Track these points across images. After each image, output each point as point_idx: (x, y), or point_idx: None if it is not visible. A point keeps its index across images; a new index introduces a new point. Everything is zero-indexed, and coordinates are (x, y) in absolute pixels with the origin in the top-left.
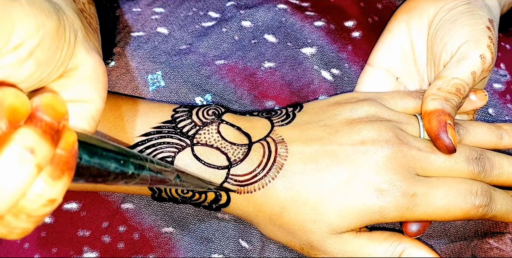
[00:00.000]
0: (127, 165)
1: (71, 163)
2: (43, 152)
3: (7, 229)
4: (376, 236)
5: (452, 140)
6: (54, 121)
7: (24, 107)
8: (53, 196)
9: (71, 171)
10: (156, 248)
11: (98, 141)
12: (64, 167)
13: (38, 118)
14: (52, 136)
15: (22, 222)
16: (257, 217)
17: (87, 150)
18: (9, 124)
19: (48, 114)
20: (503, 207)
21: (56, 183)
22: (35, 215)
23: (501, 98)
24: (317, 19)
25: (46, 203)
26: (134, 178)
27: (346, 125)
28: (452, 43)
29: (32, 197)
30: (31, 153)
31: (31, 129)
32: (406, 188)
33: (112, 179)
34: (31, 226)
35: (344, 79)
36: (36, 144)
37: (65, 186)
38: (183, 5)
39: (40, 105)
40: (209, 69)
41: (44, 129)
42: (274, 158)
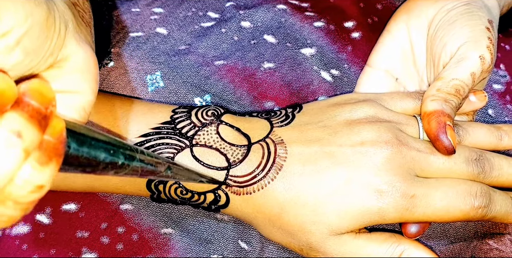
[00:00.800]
0: (117, 155)
1: (59, 150)
2: (30, 136)
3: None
4: (376, 237)
5: (452, 141)
6: (41, 107)
7: (10, 91)
8: (41, 182)
9: (59, 157)
10: (155, 249)
11: (87, 130)
12: (51, 153)
13: (25, 103)
14: (39, 121)
15: (9, 209)
16: (256, 218)
17: (76, 139)
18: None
19: (36, 99)
20: (502, 208)
21: (44, 169)
22: (22, 201)
23: (501, 99)
24: (316, 19)
25: (34, 189)
26: (124, 168)
27: (346, 126)
28: (452, 44)
29: (20, 183)
30: (18, 137)
31: (18, 113)
32: (405, 189)
33: (101, 169)
34: (18, 214)
35: (343, 80)
36: (23, 128)
37: (53, 172)
38: (182, 6)
39: (27, 91)
40: (208, 69)
41: (31, 114)
42: (274, 159)
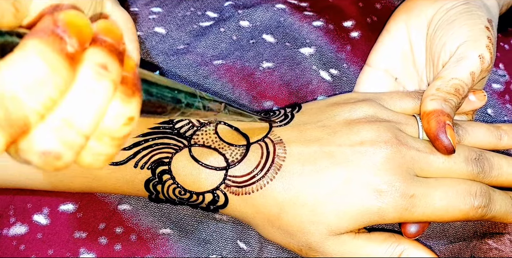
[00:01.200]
0: (181, 95)
1: (137, 84)
2: (115, 69)
3: (92, 157)
4: (375, 237)
5: (451, 140)
6: (115, 43)
7: (88, 28)
8: (131, 113)
9: (139, 91)
10: (153, 249)
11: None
12: (133, 87)
13: (101, 40)
14: (117, 55)
15: (106, 146)
16: (255, 219)
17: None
18: (79, 43)
19: (109, 36)
20: (502, 208)
21: (131, 100)
22: (117, 136)
23: (500, 99)
24: (315, 19)
25: (126, 121)
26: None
27: (345, 126)
28: (451, 43)
29: (113, 116)
30: (105, 69)
31: (99, 48)
32: (405, 189)
33: (170, 110)
34: (114, 151)
35: (342, 79)
36: (107, 61)
37: (138, 105)
38: (181, 5)
39: (99, 29)
40: (207, 69)
41: (110, 48)
42: (272, 159)
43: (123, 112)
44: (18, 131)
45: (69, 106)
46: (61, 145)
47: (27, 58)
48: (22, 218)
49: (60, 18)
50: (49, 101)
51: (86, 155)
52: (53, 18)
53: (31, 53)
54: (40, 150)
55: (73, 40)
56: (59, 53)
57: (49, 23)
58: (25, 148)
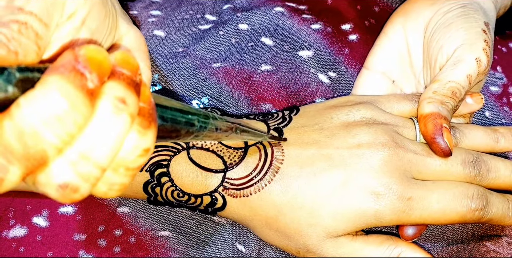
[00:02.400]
0: (194, 119)
1: (153, 115)
2: (133, 102)
3: (107, 186)
4: (373, 240)
5: (448, 143)
6: (132, 75)
7: (107, 62)
8: (147, 145)
9: (156, 122)
10: (152, 251)
11: (163, 98)
12: (150, 118)
13: (119, 73)
14: (135, 88)
15: (121, 176)
16: (253, 221)
17: (159, 106)
18: (99, 78)
19: (127, 68)
20: (499, 210)
21: (147, 132)
22: (132, 167)
23: (498, 101)
24: (314, 22)
25: (142, 153)
26: (202, 131)
27: (343, 128)
28: (448, 46)
29: (129, 148)
30: (123, 103)
31: (117, 81)
32: (402, 192)
33: (184, 134)
34: (128, 181)
35: (341, 82)
36: (126, 94)
37: (154, 136)
38: (180, 8)
39: (117, 61)
40: (206, 72)
41: (127, 81)
42: (270, 161)
43: (139, 144)
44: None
45: (87, 140)
46: (78, 178)
47: (48, 94)
48: (21, 220)
49: (81, 54)
50: (67, 137)
51: (102, 185)
52: (74, 53)
53: (52, 89)
54: (57, 183)
55: (93, 75)
56: (80, 90)
57: (70, 59)
58: (42, 181)
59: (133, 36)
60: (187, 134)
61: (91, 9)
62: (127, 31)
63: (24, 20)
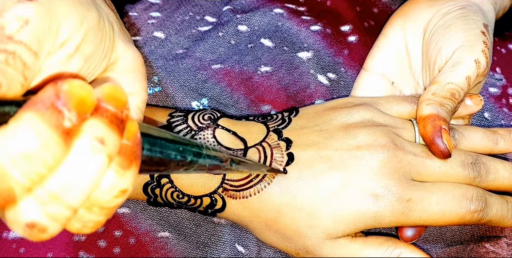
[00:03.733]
0: (186, 152)
1: (137, 152)
2: (112, 142)
3: (81, 224)
4: (372, 241)
5: (447, 144)
6: (118, 111)
7: (91, 99)
8: (125, 186)
9: (138, 160)
10: (152, 252)
11: (155, 130)
12: (131, 157)
13: (104, 109)
14: (118, 126)
15: (95, 215)
16: (252, 222)
17: (147, 140)
18: (78, 116)
19: (112, 104)
20: (498, 212)
21: (126, 173)
22: (107, 207)
23: (497, 102)
24: (313, 23)
25: (118, 194)
26: (193, 164)
27: (342, 130)
28: (447, 48)
29: (105, 188)
30: (101, 143)
31: (99, 120)
32: (401, 193)
33: (173, 167)
34: (103, 219)
35: (340, 83)
36: (105, 134)
37: (134, 175)
38: (180, 10)
39: (103, 96)
40: (206, 73)
41: (111, 119)
42: (270, 163)
43: (116, 185)
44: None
45: (59, 181)
46: (47, 218)
47: (20, 131)
48: None
49: (63, 89)
50: (36, 177)
51: (75, 223)
52: (56, 88)
53: (24, 126)
54: (25, 222)
55: (72, 113)
56: (54, 129)
57: (50, 94)
58: (10, 217)
59: (131, 57)
60: (176, 167)
61: (86, 35)
62: (124, 52)
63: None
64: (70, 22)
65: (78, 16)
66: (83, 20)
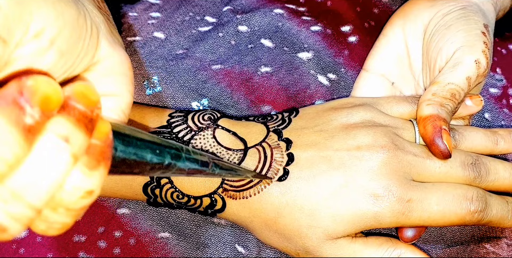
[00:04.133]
0: (163, 155)
1: (106, 153)
2: (78, 141)
3: (46, 224)
4: (372, 242)
5: (447, 145)
6: (87, 110)
7: (56, 96)
8: (91, 187)
9: (108, 160)
10: (152, 253)
11: (132, 130)
12: (100, 157)
13: (71, 107)
14: (86, 125)
15: (61, 216)
16: (252, 223)
17: (122, 140)
18: (42, 113)
19: (81, 102)
20: (498, 213)
21: (93, 173)
22: (73, 208)
23: (497, 103)
24: (313, 24)
25: (84, 195)
26: (171, 168)
27: (342, 130)
28: (447, 48)
29: (70, 189)
30: (66, 142)
31: (65, 118)
32: (401, 194)
33: (149, 170)
34: (70, 220)
35: (340, 84)
36: (71, 132)
37: (102, 176)
38: (180, 10)
39: (73, 94)
40: (206, 74)
41: (78, 118)
42: (270, 163)
43: (81, 186)
44: None
45: (20, 179)
46: (7, 218)
47: None
48: None
49: (27, 85)
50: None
51: (40, 223)
52: (20, 84)
53: None
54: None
55: (35, 110)
56: (14, 125)
57: (13, 90)
58: None
59: (117, 60)
60: (152, 170)
61: (61, 29)
62: (110, 54)
63: None
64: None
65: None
66: (59, 15)
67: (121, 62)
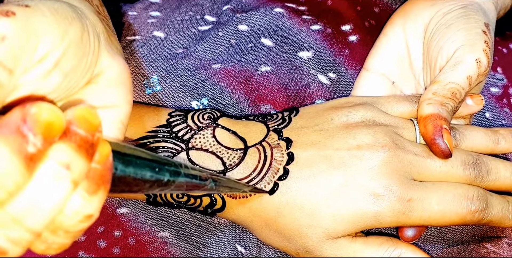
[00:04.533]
0: (162, 173)
1: (106, 176)
2: (79, 167)
3: (45, 245)
4: (372, 241)
5: (448, 144)
6: (88, 135)
7: (59, 123)
8: (90, 211)
9: (107, 184)
10: (151, 252)
11: (131, 149)
12: (100, 181)
13: (73, 133)
14: (87, 150)
15: (60, 237)
16: (252, 222)
17: (122, 160)
18: (44, 140)
19: (83, 127)
20: (499, 212)
21: (93, 198)
22: (72, 231)
23: (498, 102)
24: (314, 23)
25: (83, 219)
26: (170, 185)
27: (342, 130)
28: (448, 47)
29: (69, 214)
30: (66, 169)
31: (66, 144)
32: (402, 193)
33: (147, 188)
34: (69, 241)
35: (340, 83)
36: (72, 159)
37: (102, 200)
38: (180, 9)
39: (74, 119)
40: (206, 73)
41: (79, 143)
42: (270, 162)
43: (81, 210)
44: None
45: (21, 205)
46: (7, 242)
47: None
48: None
49: (30, 113)
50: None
51: (39, 245)
52: (23, 112)
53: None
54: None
55: (38, 138)
56: (17, 155)
57: (17, 118)
58: None
59: (116, 70)
60: (151, 188)
61: (66, 50)
62: (109, 65)
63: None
64: (49, 38)
65: (59, 31)
66: (64, 35)
67: (121, 72)
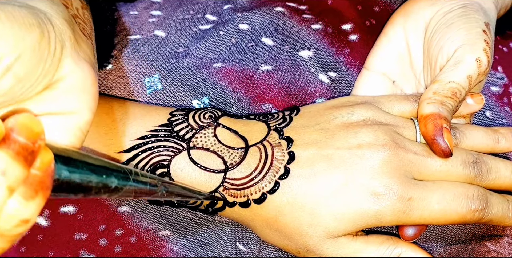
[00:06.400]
0: (109, 179)
1: (46, 183)
2: (15, 174)
3: None
4: (373, 240)
5: (448, 143)
6: (28, 142)
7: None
8: (26, 216)
9: (46, 190)
10: (153, 251)
11: (79, 155)
12: (38, 187)
13: (12, 140)
14: (25, 157)
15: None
16: (253, 221)
17: (67, 166)
18: None
19: (23, 135)
20: (499, 211)
21: (29, 204)
22: (8, 234)
23: (499, 101)
24: (314, 22)
25: (19, 223)
26: (118, 191)
27: (343, 129)
28: (448, 46)
29: (5, 218)
30: (2, 175)
31: (4, 151)
32: (402, 192)
33: (94, 193)
34: (6, 245)
35: (341, 82)
36: (8, 166)
37: (39, 206)
38: (181, 8)
39: (15, 126)
40: (206, 72)
41: (18, 151)
42: (271, 161)
43: (17, 215)
44: None
45: None
46: None
47: None
48: None
49: None
50: None
51: None
52: None
53: None
54: None
55: None
56: None
57: None
58: None
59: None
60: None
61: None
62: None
63: None
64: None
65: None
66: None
67: (84, 78)
